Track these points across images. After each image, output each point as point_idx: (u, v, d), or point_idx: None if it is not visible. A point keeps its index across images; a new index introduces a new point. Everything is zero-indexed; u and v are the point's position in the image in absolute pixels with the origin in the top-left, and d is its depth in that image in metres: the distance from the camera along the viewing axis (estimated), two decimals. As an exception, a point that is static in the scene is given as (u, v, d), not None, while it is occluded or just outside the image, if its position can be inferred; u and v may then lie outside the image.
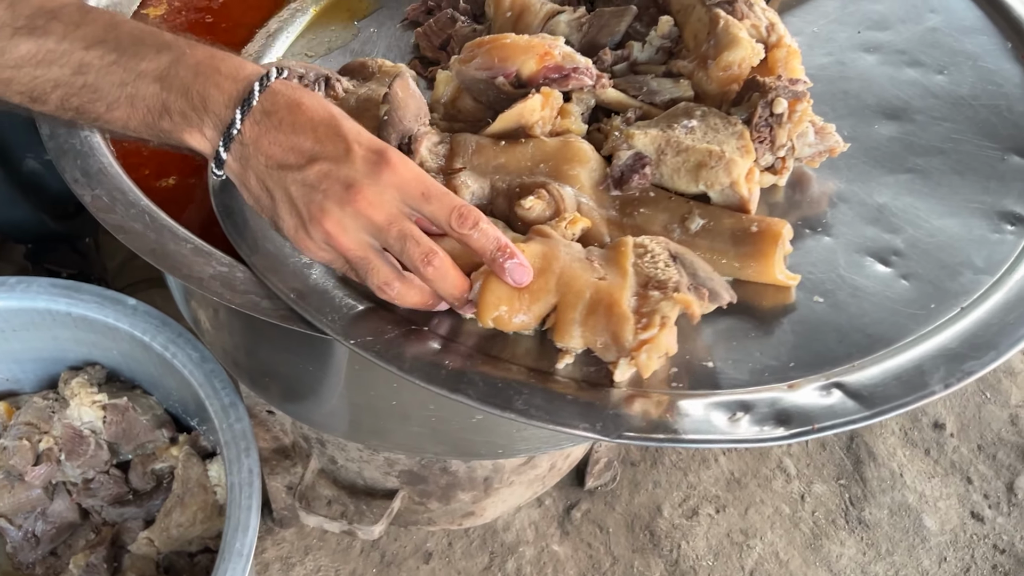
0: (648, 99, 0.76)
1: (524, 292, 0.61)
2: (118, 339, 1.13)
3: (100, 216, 0.70)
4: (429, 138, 0.72)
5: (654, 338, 0.59)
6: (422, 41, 0.90)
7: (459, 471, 1.06)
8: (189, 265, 0.67)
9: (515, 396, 0.60)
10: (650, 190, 0.71)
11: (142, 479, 1.19)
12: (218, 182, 0.75)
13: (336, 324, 0.63)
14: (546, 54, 0.74)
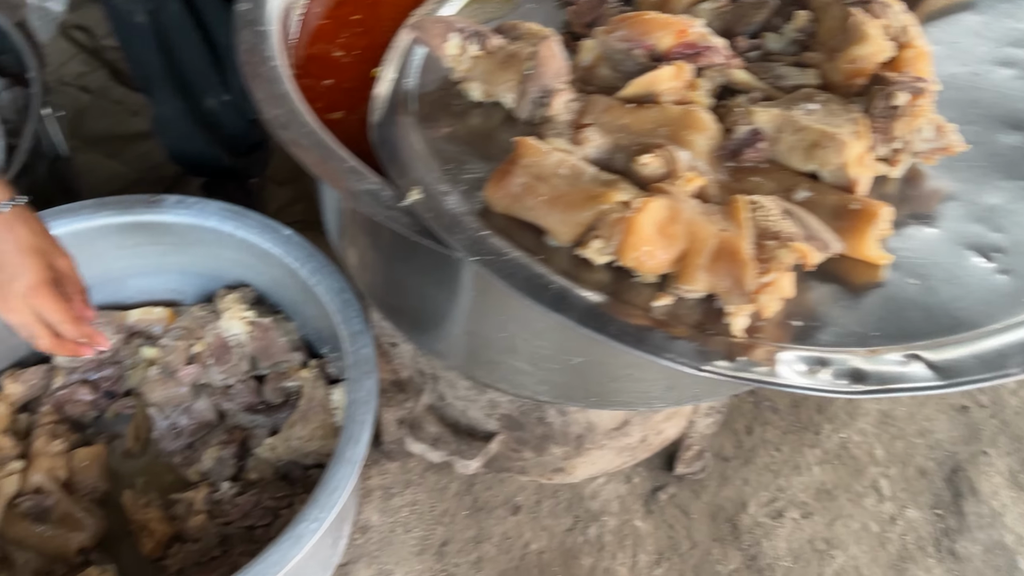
0: (774, 83, 0.81)
1: (660, 236, 0.67)
2: (271, 264, 1.27)
3: (277, 132, 0.81)
4: (565, 95, 0.80)
5: (774, 281, 0.65)
6: (572, 18, 0.98)
7: (555, 423, 1.13)
8: (346, 179, 0.78)
9: (610, 322, 0.67)
10: (763, 163, 0.76)
11: (273, 393, 1.32)
12: (378, 117, 0.86)
13: (462, 242, 0.72)
14: (683, 31, 0.80)
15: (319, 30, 1.02)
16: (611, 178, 0.73)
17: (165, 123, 1.36)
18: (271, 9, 0.94)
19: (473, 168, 0.80)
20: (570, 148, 0.76)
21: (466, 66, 0.86)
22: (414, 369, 1.21)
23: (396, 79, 0.91)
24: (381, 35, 0.99)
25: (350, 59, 0.98)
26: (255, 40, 0.89)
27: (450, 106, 0.88)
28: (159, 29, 1.21)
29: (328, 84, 0.95)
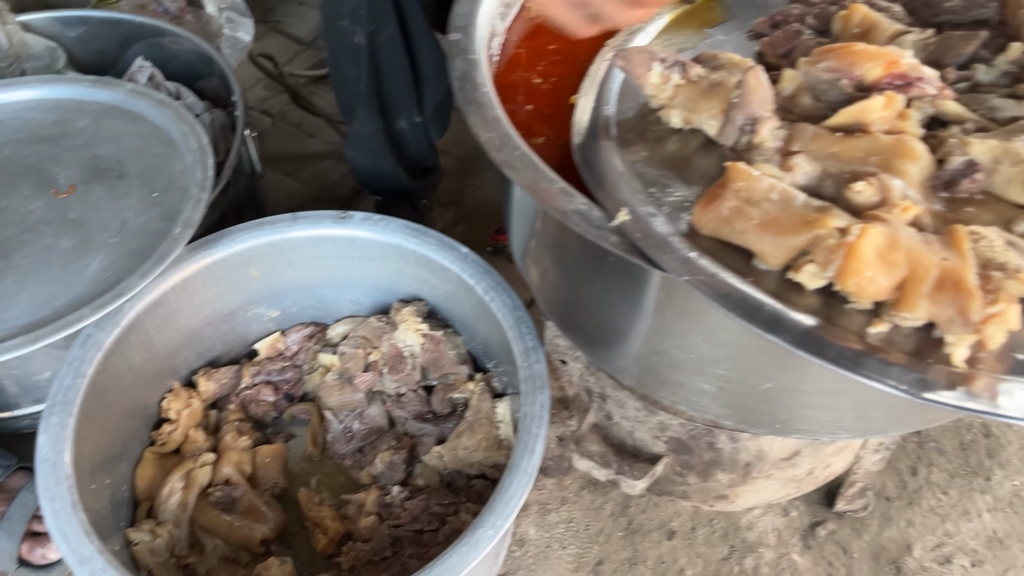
0: (988, 115, 0.81)
1: (882, 263, 0.68)
2: (447, 280, 1.33)
3: (491, 153, 0.86)
4: (771, 122, 0.82)
5: (1002, 312, 0.65)
6: (767, 49, 1.00)
7: (724, 449, 1.13)
8: (557, 200, 0.82)
9: (827, 346, 0.68)
10: (978, 194, 0.76)
11: (441, 403, 1.38)
12: (582, 139, 0.91)
13: (672, 261, 0.74)
14: (893, 62, 0.81)
15: (515, 58, 1.07)
16: (823, 204, 0.74)
17: (361, 140, 1.46)
18: (480, 39, 1.00)
19: (675, 191, 0.83)
20: (779, 174, 0.78)
21: (668, 94, 0.89)
22: (581, 387, 1.24)
23: (595, 106, 0.95)
24: (576, 64, 1.04)
25: (549, 86, 1.03)
26: (467, 68, 0.95)
27: (647, 132, 0.91)
28: (374, 50, 1.30)
29: (529, 110, 1.00)
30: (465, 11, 1.02)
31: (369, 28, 1.29)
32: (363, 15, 1.27)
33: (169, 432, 1.33)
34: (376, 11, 1.27)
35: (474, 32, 1.00)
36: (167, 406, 1.34)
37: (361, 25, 1.28)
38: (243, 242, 1.32)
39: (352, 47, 1.32)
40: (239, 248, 1.32)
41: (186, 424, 1.35)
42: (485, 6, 1.05)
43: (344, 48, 1.33)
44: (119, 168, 1.38)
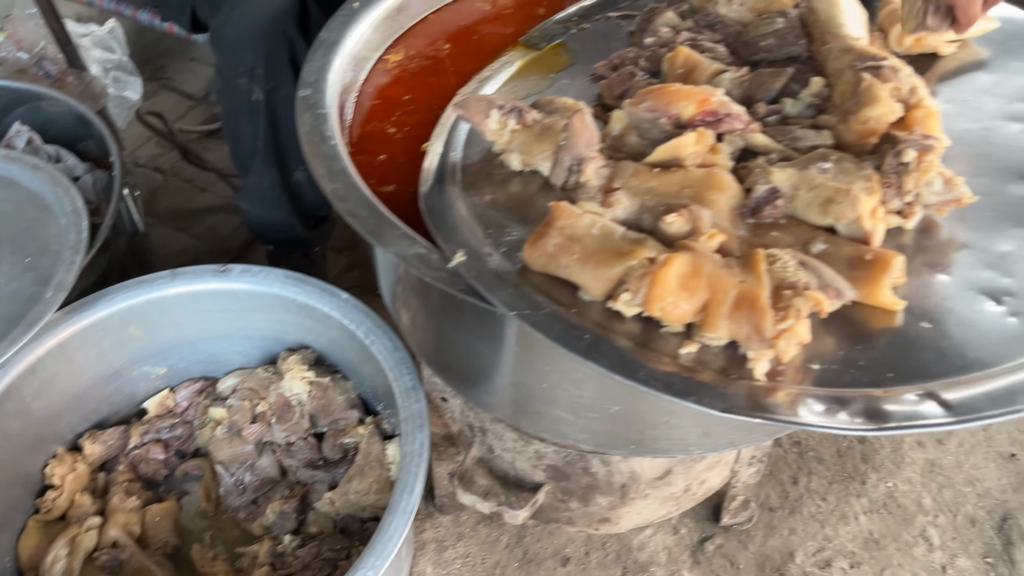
0: (791, 144, 0.87)
1: (683, 289, 0.73)
2: (330, 326, 1.36)
3: (336, 203, 0.90)
4: (596, 162, 0.87)
5: (791, 327, 0.70)
6: (604, 91, 1.06)
7: (599, 473, 1.17)
8: (398, 244, 0.86)
9: (639, 369, 0.72)
10: (782, 219, 0.82)
11: (332, 449, 1.39)
12: (426, 187, 0.95)
13: (503, 298, 0.78)
14: (704, 100, 0.87)
15: (372, 109, 1.11)
16: (639, 236, 0.79)
17: (257, 192, 1.48)
18: (330, 94, 1.04)
19: (513, 231, 0.87)
20: (601, 210, 0.83)
21: (506, 139, 0.94)
22: (463, 423, 1.27)
23: (443, 152, 1.00)
24: (430, 112, 1.09)
25: (402, 135, 1.07)
26: (316, 122, 0.99)
27: (492, 175, 0.96)
28: (272, 107, 1.34)
29: (382, 159, 1.04)
30: (316, 67, 1.06)
31: (267, 86, 1.32)
32: (261, 74, 1.30)
33: (53, 499, 1.31)
34: (274, 70, 1.30)
35: (325, 88, 1.04)
36: (50, 472, 1.32)
37: (259, 84, 1.31)
38: (121, 302, 1.33)
39: (250, 105, 1.34)
40: (117, 308, 1.32)
41: (71, 489, 1.33)
42: (337, 62, 1.09)
43: (241, 106, 1.36)
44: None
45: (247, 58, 1.26)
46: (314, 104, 1.01)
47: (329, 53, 1.09)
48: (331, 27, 1.13)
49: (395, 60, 1.18)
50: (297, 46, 1.30)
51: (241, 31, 1.25)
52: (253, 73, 1.29)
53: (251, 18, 1.23)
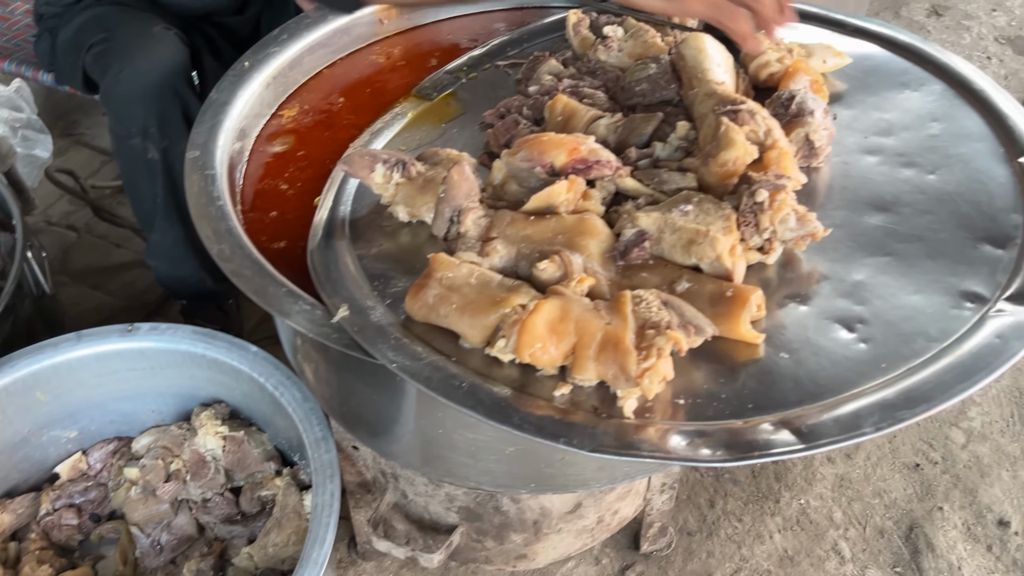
0: (659, 187, 0.92)
1: (552, 334, 0.76)
2: (241, 380, 1.36)
3: (221, 263, 0.91)
4: (475, 212, 0.90)
5: (653, 366, 0.74)
6: (491, 139, 1.09)
7: (510, 511, 1.19)
8: (282, 303, 0.88)
9: (514, 414, 0.75)
10: (650, 259, 0.86)
11: (250, 503, 1.39)
12: (314, 243, 0.97)
13: (384, 351, 0.81)
14: (574, 149, 0.91)
15: (266, 167, 1.13)
16: (514, 284, 0.82)
17: (162, 249, 1.48)
18: (220, 154, 1.05)
19: (399, 282, 0.90)
20: (479, 260, 0.86)
21: (391, 192, 0.97)
22: (376, 470, 1.28)
23: (332, 206, 1.02)
24: (323, 167, 1.11)
25: (294, 191, 1.09)
26: (203, 183, 1.00)
27: (382, 227, 0.98)
28: (169, 165, 1.34)
29: (273, 216, 1.05)
30: (205, 128, 1.08)
31: (162, 144, 1.33)
32: (154, 133, 1.31)
33: (-39, 572, 1.28)
34: (167, 128, 1.31)
35: (214, 148, 1.06)
36: (-43, 545, 1.30)
37: (153, 142, 1.32)
38: (25, 367, 1.31)
39: (146, 163, 1.35)
40: (21, 374, 1.31)
41: (-20, 562, 1.30)
42: (228, 121, 1.11)
43: (138, 165, 1.36)
44: None
45: (139, 117, 1.27)
46: (203, 165, 1.03)
47: (219, 113, 1.10)
48: (221, 87, 1.14)
49: (289, 116, 1.20)
50: (190, 103, 1.32)
51: (131, 91, 1.26)
52: (146, 132, 1.30)
53: (140, 78, 1.24)
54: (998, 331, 0.77)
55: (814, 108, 0.97)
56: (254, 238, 0.99)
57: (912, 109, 1.05)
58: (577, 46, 1.21)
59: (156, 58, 1.27)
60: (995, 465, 1.57)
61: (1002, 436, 1.61)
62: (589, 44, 1.20)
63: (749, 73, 1.09)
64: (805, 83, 1.04)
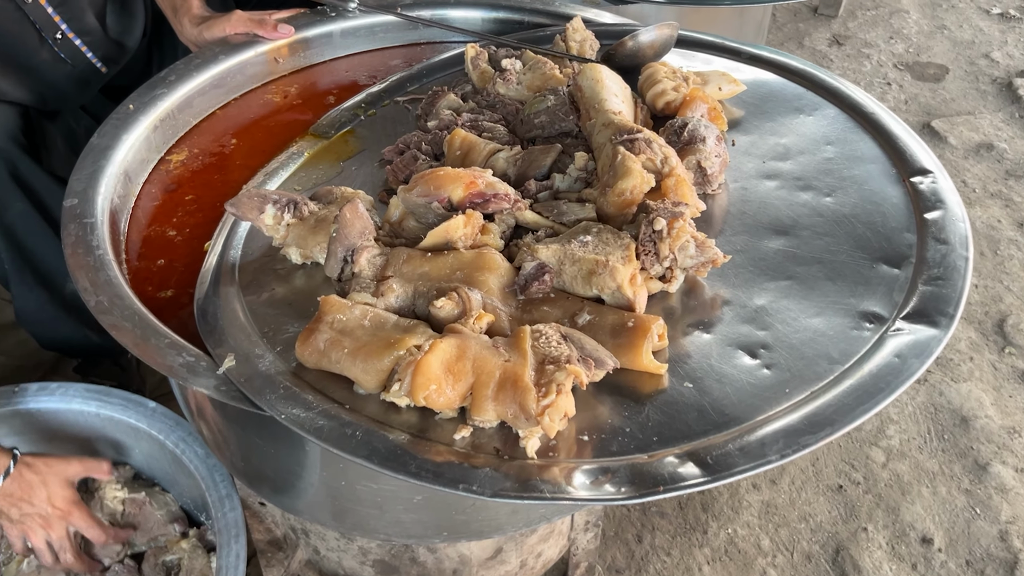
0: (558, 219, 0.90)
1: (448, 374, 0.73)
2: (139, 438, 1.29)
3: (99, 316, 0.86)
4: (369, 251, 0.87)
5: (553, 403, 0.71)
6: (390, 176, 1.06)
7: (427, 562, 1.14)
8: (163, 356, 0.82)
9: (410, 461, 0.71)
10: (552, 293, 0.83)
11: (153, 570, 1.30)
12: (202, 291, 0.91)
13: (272, 401, 0.76)
14: (471, 183, 0.89)
15: (153, 213, 1.08)
16: (411, 324, 0.79)
17: (27, 314, 1.39)
18: (100, 201, 1.00)
19: (290, 328, 0.85)
20: (373, 300, 0.82)
21: (282, 233, 0.93)
22: (287, 526, 1.22)
23: (221, 252, 0.97)
24: (213, 211, 1.06)
25: (183, 237, 1.04)
26: (81, 232, 0.95)
27: (275, 271, 0.94)
28: (7, 229, 1.26)
29: (161, 264, 1.00)
30: (85, 175, 1.02)
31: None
32: None
33: None
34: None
35: (94, 196, 1.00)
36: None
37: None
38: None
39: None
40: None
41: None
42: (110, 167, 1.05)
43: None
44: None
45: None
46: (80, 213, 0.97)
47: (100, 159, 1.05)
48: (103, 132, 1.09)
49: (178, 160, 1.15)
50: (18, 163, 1.23)
51: None
52: None
53: None
54: (896, 350, 0.77)
55: (706, 135, 0.97)
56: (139, 288, 0.94)
57: (807, 133, 1.06)
58: (476, 80, 1.20)
59: None
60: (915, 482, 1.58)
61: (920, 453, 1.63)
62: (488, 78, 1.18)
63: (647, 102, 1.09)
64: (703, 111, 1.04)
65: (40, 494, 1.16)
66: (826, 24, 3.09)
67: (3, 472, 1.12)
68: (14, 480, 1.13)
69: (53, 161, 1.29)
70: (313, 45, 1.32)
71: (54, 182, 1.26)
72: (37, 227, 1.27)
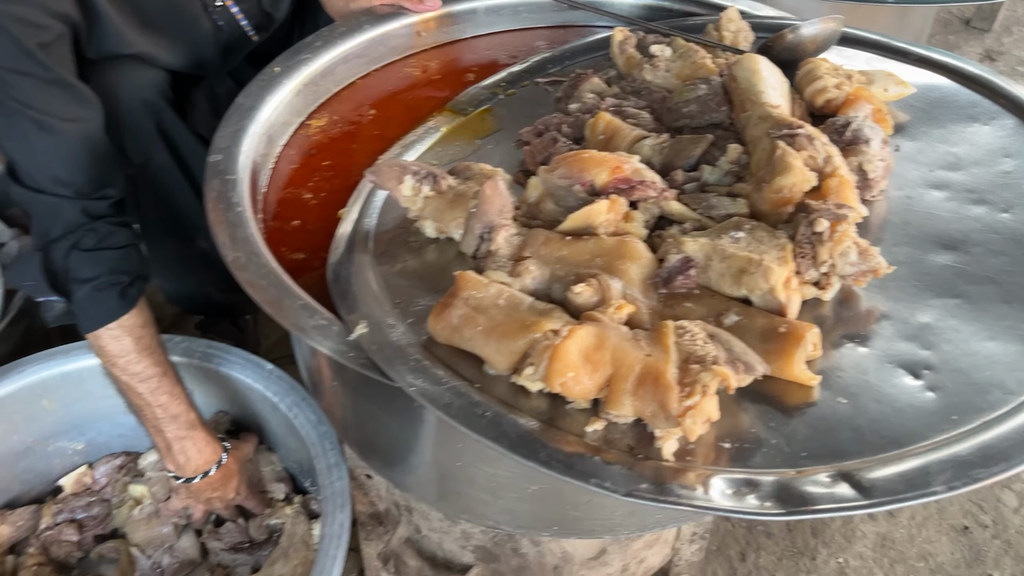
0: (706, 212, 0.85)
1: (586, 363, 0.70)
2: (254, 398, 1.30)
3: (236, 272, 0.86)
4: (507, 230, 0.84)
5: (697, 404, 0.66)
6: (527, 157, 1.03)
7: (529, 554, 1.12)
8: (296, 316, 0.82)
9: (541, 449, 0.68)
10: (696, 289, 0.79)
11: (258, 531, 1.32)
12: (336, 256, 0.91)
13: (402, 372, 0.74)
14: (617, 168, 0.85)
15: (291, 175, 1.08)
16: (547, 307, 0.76)
17: (159, 266, 1.43)
18: (242, 159, 1.01)
19: (422, 301, 0.84)
20: (509, 280, 0.80)
21: (419, 206, 0.91)
22: (390, 501, 1.21)
23: (357, 219, 0.96)
24: (349, 178, 1.06)
25: (318, 201, 1.04)
26: (223, 188, 0.95)
27: (407, 243, 0.92)
28: (148, 181, 1.29)
29: (295, 226, 1.00)
30: (229, 132, 1.04)
31: (138, 160, 1.27)
32: (128, 149, 1.25)
33: (-48, 586, 1.23)
34: (141, 144, 1.26)
35: (237, 153, 1.01)
36: (-46, 556, 1.24)
37: (129, 158, 1.26)
38: (33, 374, 1.27)
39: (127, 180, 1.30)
40: (28, 381, 1.26)
41: (-24, 574, 1.25)
42: (253, 127, 1.06)
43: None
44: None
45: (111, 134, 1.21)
46: (223, 170, 0.98)
47: (244, 119, 1.06)
48: (249, 92, 1.10)
49: (317, 125, 1.16)
50: (164, 117, 1.25)
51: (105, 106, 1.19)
52: (120, 148, 1.23)
53: (107, 92, 1.18)
54: (1085, 385, 0.69)
55: (871, 137, 0.90)
56: (273, 248, 0.94)
57: (982, 143, 0.98)
58: (622, 65, 1.16)
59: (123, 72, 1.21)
60: (1049, 532, 1.46)
61: (1057, 501, 1.51)
62: (634, 63, 1.14)
63: (805, 99, 1.02)
64: (867, 111, 0.97)
65: (233, 483, 1.26)
66: (979, 38, 2.90)
67: (216, 463, 1.21)
68: (220, 470, 1.22)
69: (195, 120, 1.32)
70: (457, 21, 1.31)
71: (195, 140, 1.29)
72: (176, 181, 1.30)
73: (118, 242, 1.11)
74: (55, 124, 1.04)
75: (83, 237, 1.08)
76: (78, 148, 1.06)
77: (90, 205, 1.09)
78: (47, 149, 1.05)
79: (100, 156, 1.09)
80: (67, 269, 1.09)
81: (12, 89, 1.01)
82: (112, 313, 1.10)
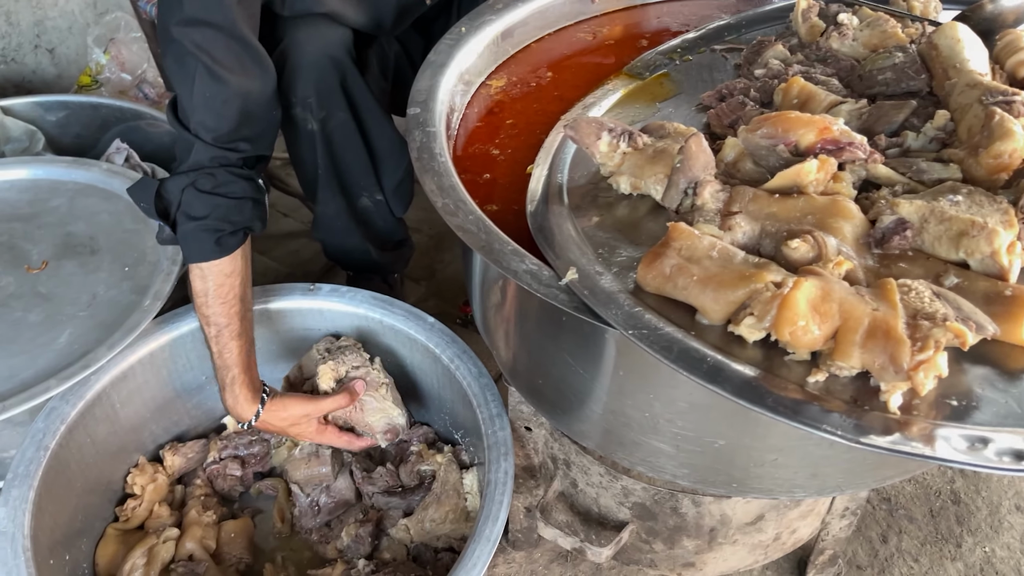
0: (916, 177, 0.84)
1: (815, 313, 0.71)
2: (415, 350, 1.35)
3: (446, 218, 0.89)
4: (712, 185, 0.85)
5: (930, 359, 0.67)
6: (713, 120, 1.04)
7: (688, 514, 1.13)
8: (508, 260, 0.85)
9: (766, 395, 0.69)
10: (909, 251, 0.79)
11: (409, 476, 1.37)
12: (535, 206, 0.94)
13: (617, 317, 0.77)
14: (825, 128, 0.85)
15: (475, 132, 1.12)
16: (762, 261, 0.77)
17: (326, 220, 1.49)
18: (439, 113, 1.04)
19: (623, 252, 0.86)
20: (719, 233, 0.81)
21: (616, 161, 0.93)
22: (547, 455, 1.24)
23: (548, 175, 0.99)
24: (532, 136, 1.08)
25: (505, 157, 1.07)
26: (425, 139, 0.99)
27: (598, 198, 0.95)
28: (327, 135, 1.34)
29: (486, 179, 1.04)
30: (425, 87, 1.07)
31: (320, 115, 1.33)
32: (312, 103, 1.30)
33: (133, 508, 1.31)
34: (325, 99, 1.31)
35: (434, 107, 1.05)
36: (132, 481, 1.33)
37: (312, 112, 1.32)
38: (211, 315, 1.34)
39: (307, 133, 1.35)
40: (206, 321, 1.33)
41: (151, 499, 1.33)
42: (445, 83, 1.10)
43: (300, 134, 1.37)
44: (91, 244, 1.40)
45: (297, 88, 1.26)
46: (423, 122, 1.02)
47: (437, 74, 1.10)
48: (439, 50, 1.14)
49: (497, 86, 1.19)
50: (348, 74, 1.30)
51: (290, 61, 1.24)
52: (305, 103, 1.28)
53: (298, 48, 1.23)
54: None
55: (1080, 109, 0.88)
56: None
57: None
58: (804, 33, 1.15)
59: (313, 29, 1.26)
60: None
61: None
62: (817, 32, 1.13)
63: (1006, 70, 1.00)
64: (1073, 83, 0.95)
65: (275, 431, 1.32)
66: None
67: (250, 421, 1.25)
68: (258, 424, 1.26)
69: (368, 80, 1.37)
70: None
71: (372, 98, 1.33)
72: (351, 138, 1.35)
73: (233, 192, 1.17)
74: (223, 74, 1.10)
75: (201, 178, 1.15)
76: (233, 101, 1.12)
77: (220, 153, 1.15)
78: (206, 93, 1.11)
79: (250, 113, 1.15)
80: (179, 203, 1.15)
81: (197, 35, 1.08)
82: (204, 254, 1.16)
